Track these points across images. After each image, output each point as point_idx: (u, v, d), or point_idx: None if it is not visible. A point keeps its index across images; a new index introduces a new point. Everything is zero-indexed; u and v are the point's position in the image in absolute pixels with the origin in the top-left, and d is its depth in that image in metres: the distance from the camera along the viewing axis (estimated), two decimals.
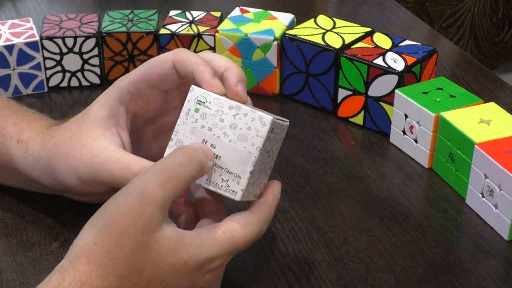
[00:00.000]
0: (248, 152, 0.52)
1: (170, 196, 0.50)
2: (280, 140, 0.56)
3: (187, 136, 0.54)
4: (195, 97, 0.54)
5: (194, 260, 0.51)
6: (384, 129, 0.78)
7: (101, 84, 0.87)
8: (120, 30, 0.85)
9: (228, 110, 0.53)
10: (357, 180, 0.71)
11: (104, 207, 0.51)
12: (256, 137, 0.52)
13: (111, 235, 0.49)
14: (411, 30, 1.02)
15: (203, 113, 0.53)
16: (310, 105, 0.83)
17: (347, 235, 0.64)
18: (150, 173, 0.50)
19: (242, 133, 0.52)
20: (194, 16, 0.89)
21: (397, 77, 0.74)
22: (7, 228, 0.64)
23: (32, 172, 0.61)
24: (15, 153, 0.62)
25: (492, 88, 0.87)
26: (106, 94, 0.60)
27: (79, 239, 0.50)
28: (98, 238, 0.49)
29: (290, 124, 0.80)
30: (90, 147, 0.57)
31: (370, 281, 0.59)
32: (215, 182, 0.53)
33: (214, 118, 0.53)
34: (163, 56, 0.58)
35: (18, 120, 0.63)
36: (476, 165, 0.65)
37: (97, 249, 0.49)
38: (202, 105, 0.53)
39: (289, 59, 0.82)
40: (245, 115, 0.53)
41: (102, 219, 0.50)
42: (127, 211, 0.49)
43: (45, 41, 0.84)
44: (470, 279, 0.59)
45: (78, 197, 0.64)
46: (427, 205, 0.69)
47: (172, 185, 0.50)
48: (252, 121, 0.52)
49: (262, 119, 0.52)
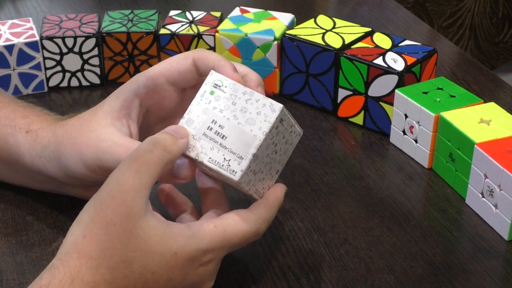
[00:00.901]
0: (253, 135, 0.53)
1: (147, 181, 0.51)
2: (290, 143, 0.57)
3: (198, 116, 0.55)
4: (212, 80, 0.55)
5: (184, 252, 0.51)
6: (384, 129, 0.78)
7: (101, 84, 0.87)
8: (120, 30, 0.85)
9: (242, 95, 0.55)
10: (357, 180, 0.71)
11: (87, 203, 0.52)
12: (264, 121, 0.53)
13: (97, 225, 0.50)
14: (411, 30, 1.02)
15: (217, 95, 0.55)
16: (310, 105, 0.83)
17: (347, 235, 0.64)
18: (123, 164, 0.52)
19: (251, 117, 0.54)
20: (194, 16, 0.89)
21: (397, 77, 0.74)
22: (7, 228, 0.64)
23: (39, 161, 0.62)
24: (23, 143, 0.63)
25: (492, 88, 0.87)
26: (123, 86, 0.61)
27: (68, 236, 0.51)
28: (86, 230, 0.50)
29: None
30: (97, 133, 0.59)
31: (370, 281, 0.59)
32: (217, 161, 0.54)
33: (227, 101, 0.55)
34: (184, 53, 0.60)
35: (28, 114, 0.65)
36: (476, 165, 0.65)
37: (86, 241, 0.49)
38: (218, 88, 0.55)
39: (289, 59, 0.82)
40: (257, 100, 0.54)
41: (87, 212, 0.51)
42: (108, 201, 0.50)
43: (45, 41, 0.84)
44: (470, 279, 0.59)
45: (81, 191, 0.64)
46: (427, 205, 0.69)
47: (144, 170, 0.51)
48: (263, 106, 0.54)
49: (273, 106, 0.54)
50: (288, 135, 0.56)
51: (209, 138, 0.54)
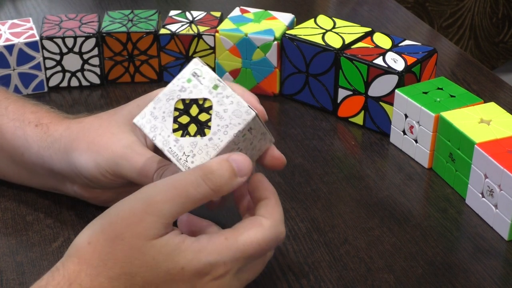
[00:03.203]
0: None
1: (177, 212, 0.49)
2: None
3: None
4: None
5: (192, 266, 0.49)
6: (384, 129, 0.78)
7: (101, 84, 0.87)
8: (120, 30, 0.85)
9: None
10: (357, 180, 0.71)
11: (107, 209, 0.51)
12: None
13: (105, 236, 0.49)
14: (411, 30, 1.02)
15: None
16: (310, 105, 0.83)
17: (347, 235, 0.64)
18: (161, 185, 0.50)
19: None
20: (194, 16, 0.89)
21: (397, 77, 0.74)
22: (7, 228, 0.64)
23: (46, 152, 0.62)
24: (31, 136, 0.63)
25: (492, 88, 0.87)
26: (145, 97, 0.61)
27: (76, 238, 0.50)
28: (93, 238, 0.49)
29: (290, 124, 0.80)
30: (119, 137, 0.58)
31: (370, 281, 0.59)
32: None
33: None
34: None
35: (37, 109, 0.65)
36: (476, 165, 0.65)
37: (90, 248, 0.49)
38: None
39: (289, 59, 0.82)
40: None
41: (102, 220, 0.50)
42: (127, 216, 0.49)
43: (45, 41, 0.84)
44: (470, 279, 0.59)
45: (80, 190, 0.63)
46: (427, 205, 0.69)
47: (180, 202, 0.49)
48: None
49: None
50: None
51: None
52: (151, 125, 0.53)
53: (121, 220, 0.49)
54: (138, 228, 0.48)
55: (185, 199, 0.49)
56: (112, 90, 0.87)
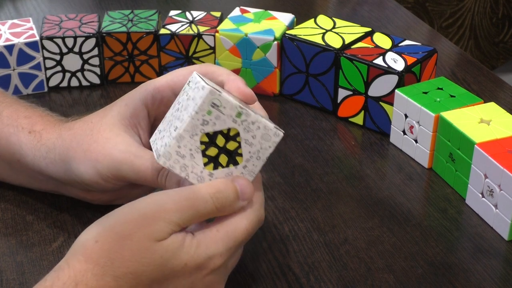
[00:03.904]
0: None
1: (184, 222, 0.51)
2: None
3: None
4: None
5: (193, 262, 0.51)
6: (384, 129, 0.78)
7: (101, 84, 0.87)
8: (120, 30, 0.85)
9: None
10: (357, 180, 0.71)
11: (116, 210, 0.51)
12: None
13: (114, 235, 0.49)
14: (411, 30, 1.02)
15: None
16: (310, 105, 0.83)
17: (347, 235, 0.64)
18: (173, 194, 0.51)
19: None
20: (194, 16, 0.89)
21: (397, 77, 0.74)
22: (7, 228, 0.64)
23: (42, 162, 0.62)
24: (25, 143, 0.62)
25: (492, 88, 0.87)
26: (131, 94, 0.61)
27: (81, 235, 0.50)
28: (101, 236, 0.49)
29: (290, 124, 0.80)
30: (114, 141, 0.58)
31: (370, 281, 0.59)
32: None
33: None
34: (190, 67, 0.59)
35: (30, 114, 0.65)
36: (476, 165, 0.65)
37: (97, 246, 0.49)
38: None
39: (289, 59, 0.82)
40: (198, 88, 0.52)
41: (110, 219, 0.50)
42: (137, 218, 0.50)
43: (45, 41, 0.84)
44: (470, 279, 0.59)
45: (82, 193, 0.63)
46: (427, 205, 0.69)
47: (188, 214, 0.51)
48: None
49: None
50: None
51: None
52: (180, 165, 0.53)
53: (130, 221, 0.49)
54: (147, 230, 0.49)
55: (194, 212, 0.51)
56: (112, 90, 0.87)
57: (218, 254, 0.52)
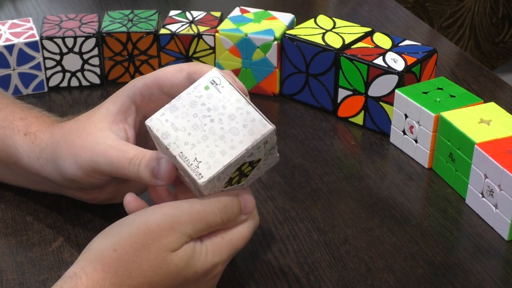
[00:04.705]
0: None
1: (195, 233, 0.52)
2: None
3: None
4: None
5: (202, 268, 0.52)
6: (384, 129, 0.78)
7: (101, 84, 0.87)
8: (120, 30, 0.85)
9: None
10: (357, 180, 0.71)
11: (130, 218, 0.52)
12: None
13: (132, 244, 0.50)
14: (411, 30, 1.02)
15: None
16: (310, 105, 0.83)
17: (347, 235, 0.64)
18: (187, 208, 0.52)
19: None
20: (194, 16, 0.89)
21: (397, 77, 0.74)
22: (7, 228, 0.64)
23: (36, 162, 0.62)
24: (21, 145, 0.62)
25: (492, 88, 0.87)
26: (120, 91, 0.61)
27: (95, 242, 0.51)
28: (119, 245, 0.50)
29: (290, 124, 0.80)
30: (93, 135, 0.58)
31: (370, 281, 0.59)
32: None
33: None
34: (179, 66, 0.58)
35: (26, 115, 0.64)
36: (476, 165, 0.65)
37: (115, 255, 0.49)
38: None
39: (289, 59, 0.82)
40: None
41: (128, 227, 0.51)
42: (155, 228, 0.51)
43: (45, 41, 0.84)
44: (470, 279, 0.59)
45: (78, 193, 0.63)
46: (427, 205, 0.69)
47: (200, 226, 0.52)
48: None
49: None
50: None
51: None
52: (212, 185, 0.52)
53: (148, 232, 0.50)
54: (163, 241, 0.50)
55: (204, 225, 0.52)
56: (112, 90, 0.86)
57: (222, 261, 0.53)
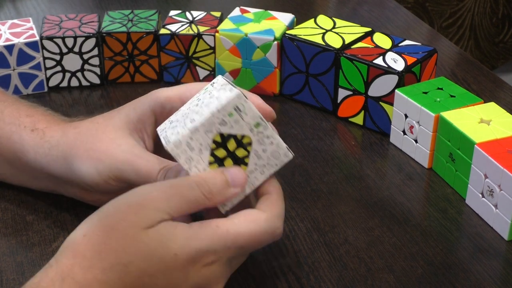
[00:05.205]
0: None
1: (172, 209, 0.50)
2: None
3: None
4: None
5: (184, 253, 0.50)
6: (384, 129, 0.78)
7: (101, 84, 0.87)
8: (120, 30, 0.85)
9: None
10: (357, 180, 0.71)
11: (104, 205, 0.51)
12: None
13: (101, 227, 0.49)
14: (411, 30, 1.02)
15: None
16: (310, 105, 0.83)
17: (347, 235, 0.64)
18: (158, 184, 0.51)
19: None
20: (194, 16, 0.89)
21: (397, 77, 0.74)
22: (7, 228, 0.64)
23: (43, 159, 0.62)
24: (27, 141, 0.63)
25: (492, 88, 0.87)
26: (141, 100, 0.61)
27: (72, 233, 0.50)
28: (88, 230, 0.49)
29: (290, 124, 0.80)
30: (118, 142, 0.58)
31: (370, 281, 0.59)
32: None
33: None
34: (203, 83, 0.58)
35: (32, 113, 0.65)
36: (476, 165, 0.65)
37: (84, 240, 0.49)
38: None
39: (289, 59, 0.82)
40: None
41: (98, 213, 0.51)
42: (123, 209, 0.50)
43: (45, 41, 0.84)
44: (470, 279, 0.59)
45: (81, 193, 0.63)
46: (427, 205, 0.69)
47: (175, 201, 0.50)
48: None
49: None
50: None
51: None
52: (186, 156, 0.53)
53: (116, 212, 0.50)
54: (132, 218, 0.49)
55: (180, 198, 0.50)
56: (112, 90, 0.87)
57: (212, 251, 0.50)
